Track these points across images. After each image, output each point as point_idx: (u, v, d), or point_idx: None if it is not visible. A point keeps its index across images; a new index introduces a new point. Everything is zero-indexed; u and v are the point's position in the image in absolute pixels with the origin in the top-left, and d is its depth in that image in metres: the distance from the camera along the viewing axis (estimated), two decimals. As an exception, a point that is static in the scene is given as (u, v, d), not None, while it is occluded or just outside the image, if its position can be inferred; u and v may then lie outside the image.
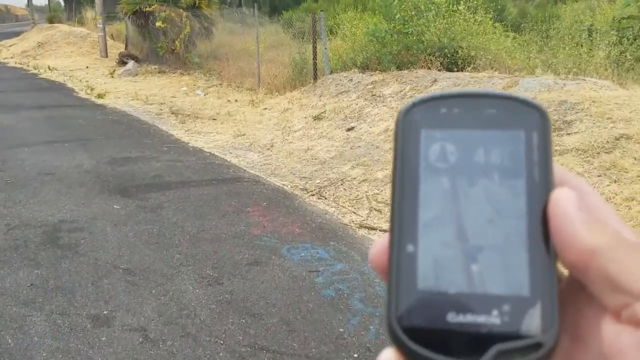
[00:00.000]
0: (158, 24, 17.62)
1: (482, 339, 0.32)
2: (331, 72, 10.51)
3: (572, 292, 0.34)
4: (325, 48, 10.35)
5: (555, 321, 0.32)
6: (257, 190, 6.22)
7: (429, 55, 9.53)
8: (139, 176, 6.57)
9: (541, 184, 0.34)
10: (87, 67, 19.60)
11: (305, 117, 8.89)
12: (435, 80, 8.38)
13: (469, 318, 0.32)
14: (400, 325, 0.33)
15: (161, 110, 11.30)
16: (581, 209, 0.32)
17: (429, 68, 9.33)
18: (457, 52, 9.48)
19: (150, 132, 9.29)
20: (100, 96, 12.95)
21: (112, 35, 25.45)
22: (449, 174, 0.35)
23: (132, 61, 18.75)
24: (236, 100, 11.78)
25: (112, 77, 16.63)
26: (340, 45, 11.55)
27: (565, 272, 0.35)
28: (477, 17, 10.10)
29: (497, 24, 10.45)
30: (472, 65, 9.13)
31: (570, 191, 0.33)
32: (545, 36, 10.72)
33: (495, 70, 8.72)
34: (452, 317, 0.32)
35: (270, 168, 7.16)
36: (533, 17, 11.77)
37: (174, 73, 16.99)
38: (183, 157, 7.60)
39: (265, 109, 10.29)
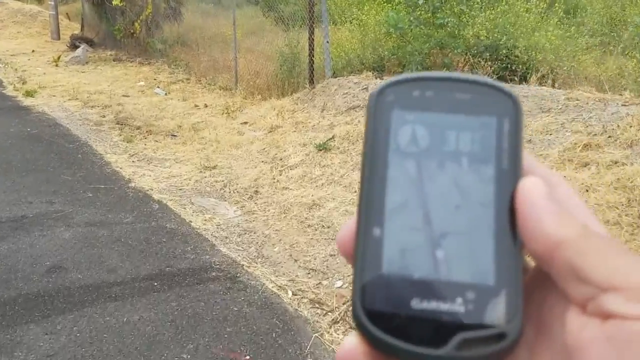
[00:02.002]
0: (115, 2, 14.39)
1: (446, 327, 0.30)
2: (334, 74, 7.59)
3: (538, 283, 0.33)
4: (327, 41, 7.42)
5: (520, 312, 0.31)
6: (235, 307, 3.32)
7: (474, 56, 6.68)
8: (17, 274, 3.57)
9: (510, 172, 0.33)
10: (32, 51, 16.21)
11: (305, 145, 5.96)
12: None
13: (432, 305, 0.31)
14: (364, 309, 0.31)
15: (103, 118, 8.24)
16: (549, 199, 0.31)
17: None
18: (512, 53, 6.65)
19: (77, 157, 6.27)
20: (29, 94, 9.77)
21: (67, 14, 21.96)
22: (418, 157, 0.34)
23: (84, 46, 15.48)
24: (206, 106, 8.77)
25: (57, 65, 13.38)
26: (345, 37, 8.57)
27: (531, 262, 0.34)
28: (530, 6, 7.27)
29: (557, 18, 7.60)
30: (537, 74, 6.31)
31: (538, 180, 0.32)
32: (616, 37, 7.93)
33: (577, 84, 5.93)
34: (416, 303, 0.31)
35: (255, 242, 4.26)
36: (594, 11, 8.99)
37: (131, 62, 13.80)
38: (114, 214, 4.64)
39: (246, 123, 7.31)
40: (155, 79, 11.49)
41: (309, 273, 3.81)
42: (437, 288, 0.31)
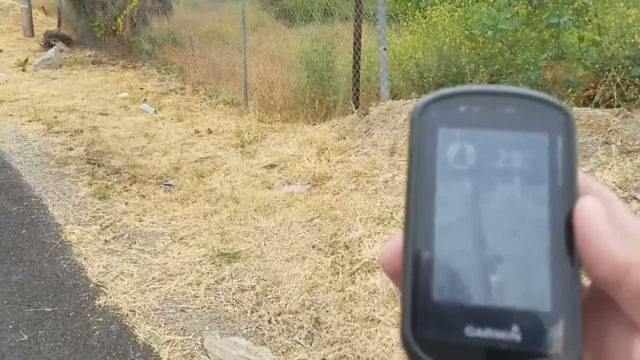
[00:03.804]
0: (93, -7, 12.00)
1: (501, 356, 0.29)
2: (394, 97, 5.31)
3: (595, 308, 0.31)
4: (384, 47, 5.13)
5: (578, 339, 0.29)
6: None
7: (617, 73, 4.37)
8: None
9: (565, 192, 0.31)
10: (0, 50, 13.77)
11: (382, 220, 3.56)
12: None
13: (487, 333, 0.29)
14: (414, 337, 0.30)
15: (70, 151, 5.89)
16: (610, 221, 0.29)
17: None
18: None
19: (20, 235, 3.94)
20: (-23, 112, 7.39)
21: (43, 8, 19.38)
22: (468, 177, 0.32)
23: (57, 46, 13.04)
24: (210, 132, 6.43)
25: (24, 70, 10.93)
26: (408, 44, 6.13)
27: (585, 285, 0.32)
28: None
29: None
30: None
31: (596, 201, 0.30)
32: None
33: None
34: (470, 331, 0.29)
35: None
36: None
37: (113, 65, 11.38)
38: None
39: (273, 166, 4.99)
40: (141, 89, 9.12)
41: None
42: (492, 315, 0.29)
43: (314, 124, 6.03)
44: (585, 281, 0.31)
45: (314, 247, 3.61)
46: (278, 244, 3.71)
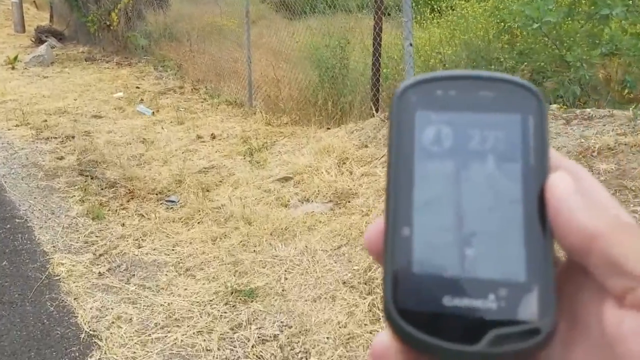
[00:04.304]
0: (86, -14, 11.35)
1: (479, 324, 0.30)
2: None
3: (570, 277, 0.33)
4: (410, 43, 4.56)
5: (553, 306, 0.30)
6: None
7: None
8: None
9: (537, 169, 0.32)
10: (-11, 47, 13.12)
11: None
12: None
13: (465, 302, 0.30)
14: (396, 308, 0.31)
15: (61, 160, 5.31)
16: (579, 193, 0.31)
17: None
18: None
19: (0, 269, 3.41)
20: (-40, 116, 6.79)
21: (35, 2, 18.69)
22: (444, 157, 0.33)
23: (49, 42, 12.41)
24: (214, 137, 5.85)
25: (13, 68, 10.31)
26: (433, 37, 5.52)
27: (562, 256, 0.33)
28: None
29: None
30: None
31: (566, 175, 0.32)
32: None
33: None
34: (448, 301, 0.30)
35: None
36: None
37: (108, 62, 10.76)
38: None
39: (287, 179, 4.41)
40: (138, 87, 8.52)
41: None
42: (469, 285, 0.30)
43: (328, 128, 5.45)
44: (562, 255, 0.32)
45: (344, 283, 3.05)
46: (301, 278, 3.15)
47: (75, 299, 3.09)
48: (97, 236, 3.84)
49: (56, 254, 3.60)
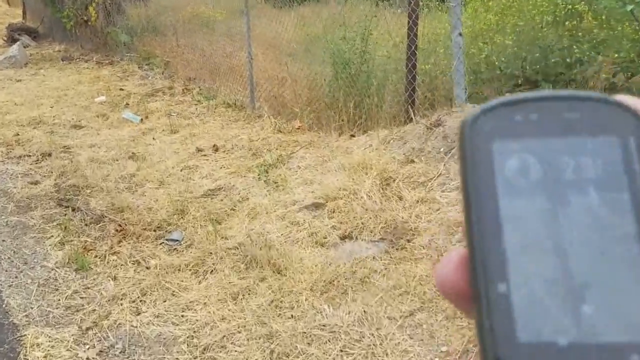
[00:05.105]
0: (59, -21, 10.28)
1: None
2: (468, 97, 3.86)
3: None
4: (460, 32, 3.69)
5: None
6: None
7: None
8: None
9: None
10: (-44, 48, 11.99)
11: None
12: None
13: None
14: None
15: (35, 186, 4.37)
16: None
17: None
18: None
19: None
20: None
21: (6, -3, 17.49)
22: (534, 191, 0.28)
23: (22, 41, 11.35)
24: (217, 150, 4.93)
25: (-18, 71, 9.26)
26: (484, 25, 4.61)
27: None
28: None
29: None
30: None
31: None
32: None
33: None
34: None
35: None
36: None
37: (86, 61, 9.75)
38: None
39: (317, 206, 3.52)
40: (122, 89, 7.55)
41: None
42: (591, 354, 0.25)
43: (352, 136, 4.57)
44: None
45: (428, 368, 2.19)
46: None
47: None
48: (82, 297, 2.93)
49: (30, 327, 2.70)
